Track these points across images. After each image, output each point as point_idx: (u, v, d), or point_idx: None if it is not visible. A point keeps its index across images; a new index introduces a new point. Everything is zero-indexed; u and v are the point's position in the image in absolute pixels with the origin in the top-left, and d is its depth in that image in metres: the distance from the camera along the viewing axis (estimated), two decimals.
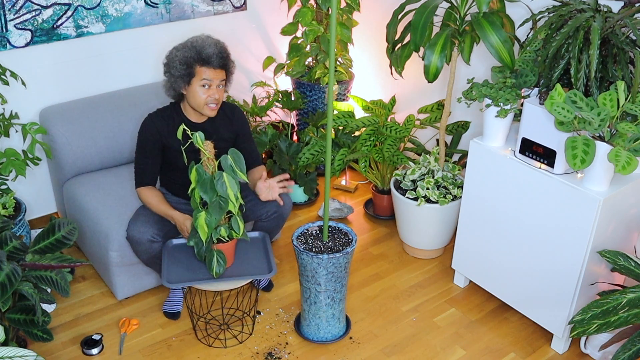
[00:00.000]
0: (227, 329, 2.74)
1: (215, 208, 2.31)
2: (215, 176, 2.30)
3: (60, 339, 2.67)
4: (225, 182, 2.29)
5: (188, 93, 2.55)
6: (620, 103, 2.25)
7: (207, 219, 2.32)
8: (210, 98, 2.53)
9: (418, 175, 3.13)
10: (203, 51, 2.49)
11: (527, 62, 2.58)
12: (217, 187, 2.28)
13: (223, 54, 2.54)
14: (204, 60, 2.49)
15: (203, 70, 2.49)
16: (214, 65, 2.49)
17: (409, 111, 3.67)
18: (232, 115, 2.73)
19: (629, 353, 2.14)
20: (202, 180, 2.30)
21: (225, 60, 2.54)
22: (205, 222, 2.32)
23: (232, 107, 2.75)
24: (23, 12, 2.90)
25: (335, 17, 2.16)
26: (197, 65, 2.49)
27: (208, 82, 2.50)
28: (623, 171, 2.12)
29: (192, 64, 2.49)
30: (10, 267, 2.06)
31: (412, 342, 2.72)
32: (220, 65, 2.51)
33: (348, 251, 2.49)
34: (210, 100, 2.54)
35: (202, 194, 2.30)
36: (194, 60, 2.49)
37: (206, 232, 2.33)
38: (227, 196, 2.29)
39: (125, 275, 2.79)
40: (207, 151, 2.32)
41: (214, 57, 2.49)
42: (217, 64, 2.50)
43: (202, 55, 2.49)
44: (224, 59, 2.54)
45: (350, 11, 3.66)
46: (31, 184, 3.21)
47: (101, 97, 3.18)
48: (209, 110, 2.57)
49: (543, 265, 2.57)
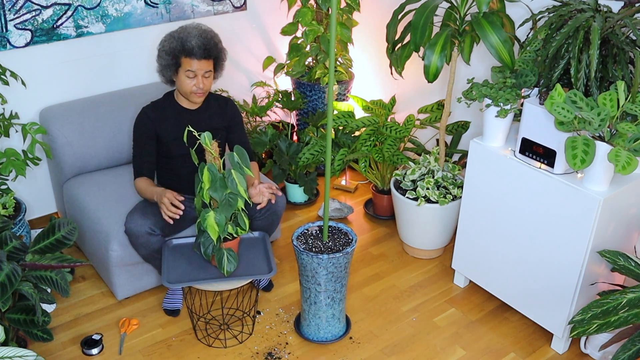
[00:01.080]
0: (227, 329, 2.74)
1: (226, 206, 2.33)
2: (224, 174, 2.32)
3: (60, 339, 2.67)
4: (235, 179, 2.31)
5: (177, 81, 2.63)
6: (620, 103, 2.25)
7: (217, 217, 2.33)
8: (195, 87, 2.60)
9: (418, 175, 3.13)
10: (187, 43, 2.54)
11: (527, 62, 2.58)
12: (229, 184, 2.31)
13: (208, 45, 2.56)
14: (187, 52, 2.54)
15: (187, 61, 2.55)
16: (197, 57, 2.54)
17: (409, 111, 3.67)
18: (225, 105, 2.80)
19: (629, 353, 2.14)
20: (213, 180, 2.32)
21: (210, 51, 2.57)
22: (215, 222, 2.33)
23: (225, 100, 2.82)
24: (23, 12, 2.90)
25: (335, 17, 2.16)
26: (181, 56, 2.56)
27: (192, 72, 2.56)
28: (623, 171, 2.12)
29: (177, 55, 2.56)
30: (10, 267, 2.06)
31: (412, 342, 2.73)
32: (204, 56, 2.55)
33: (348, 251, 2.49)
34: (195, 90, 2.60)
35: (212, 193, 2.31)
36: (178, 51, 2.55)
37: (217, 231, 2.35)
38: (238, 192, 2.32)
39: (125, 275, 2.79)
40: (213, 150, 2.34)
41: (196, 49, 2.53)
42: (201, 55, 2.54)
43: (186, 47, 2.54)
44: (209, 49, 2.57)
45: (350, 11, 3.66)
46: (31, 184, 3.21)
47: (101, 97, 3.18)
48: (196, 97, 2.64)
49: (543, 265, 2.57)
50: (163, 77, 2.68)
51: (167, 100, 2.73)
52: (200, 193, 2.36)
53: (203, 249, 2.43)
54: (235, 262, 2.43)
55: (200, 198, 2.37)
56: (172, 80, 2.67)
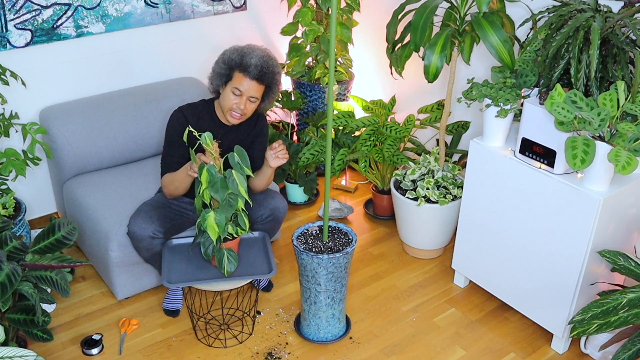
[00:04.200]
0: (227, 329, 2.74)
1: (226, 206, 2.33)
2: (225, 175, 2.32)
3: (60, 339, 2.67)
4: (235, 179, 2.31)
5: (222, 93, 2.57)
6: (620, 103, 2.25)
7: (217, 218, 2.33)
8: (236, 106, 2.53)
9: (418, 175, 3.13)
10: (245, 58, 2.49)
11: (527, 62, 2.58)
12: (229, 184, 2.31)
13: (266, 69, 2.51)
14: (243, 67, 2.48)
15: (239, 77, 2.49)
16: (251, 76, 2.48)
17: (409, 111, 3.67)
18: (257, 119, 2.73)
19: (629, 353, 2.14)
20: (213, 180, 2.31)
21: (265, 76, 2.51)
22: (215, 222, 2.33)
23: (258, 113, 2.74)
24: (23, 12, 2.90)
25: (335, 17, 2.16)
26: (235, 70, 2.50)
27: (239, 90, 2.50)
28: (623, 171, 2.12)
29: (232, 67, 2.51)
30: (10, 267, 2.06)
31: (412, 342, 2.73)
32: (257, 77, 2.49)
33: (348, 251, 2.49)
34: (235, 108, 2.54)
35: (213, 193, 2.31)
36: (235, 63, 2.50)
37: (217, 232, 2.34)
38: (239, 192, 2.31)
39: (125, 275, 2.79)
40: (214, 150, 2.34)
41: (252, 67, 2.47)
42: (254, 75, 2.48)
43: (243, 61, 2.49)
44: (264, 74, 2.51)
45: (350, 11, 3.66)
46: (31, 184, 3.21)
47: (101, 97, 3.18)
48: (231, 118, 2.57)
49: (543, 265, 2.57)
50: (211, 85, 2.61)
51: (205, 106, 2.66)
52: (200, 194, 2.36)
53: (203, 249, 2.43)
54: (235, 262, 2.43)
55: (200, 198, 2.37)
56: (218, 91, 2.60)
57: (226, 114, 2.57)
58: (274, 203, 2.73)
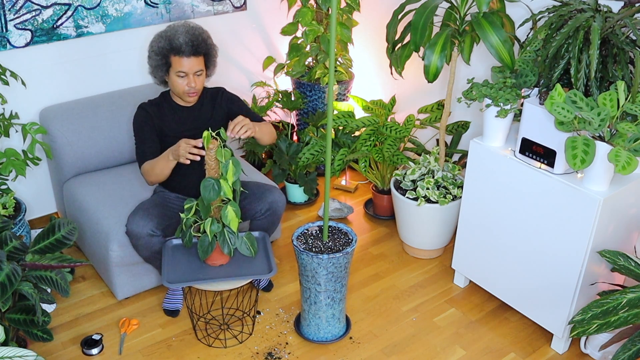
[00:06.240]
0: (227, 329, 2.74)
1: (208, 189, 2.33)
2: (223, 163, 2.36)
3: (60, 339, 2.67)
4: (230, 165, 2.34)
5: (169, 82, 2.61)
6: (620, 103, 2.25)
7: (234, 209, 2.37)
8: (188, 87, 2.57)
9: (418, 175, 3.13)
10: (174, 41, 2.50)
11: (527, 62, 2.58)
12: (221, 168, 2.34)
13: (196, 41, 2.52)
14: (176, 50, 2.50)
15: (177, 60, 2.51)
16: (187, 54, 2.50)
17: (409, 111, 3.67)
18: (217, 96, 2.75)
19: (629, 353, 2.14)
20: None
21: (198, 48, 2.53)
22: (235, 213, 2.37)
23: (216, 90, 2.77)
24: (23, 12, 2.90)
25: (335, 17, 2.16)
26: (170, 55, 2.52)
27: (183, 72, 2.53)
28: (623, 171, 2.12)
29: (166, 54, 2.52)
30: (10, 267, 2.06)
31: (412, 342, 2.73)
32: (192, 53, 2.51)
33: (348, 251, 2.49)
34: (187, 89, 2.58)
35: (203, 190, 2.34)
36: (167, 50, 2.52)
37: (237, 221, 2.39)
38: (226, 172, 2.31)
39: (125, 275, 2.79)
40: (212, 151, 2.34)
41: (184, 46, 2.49)
42: (190, 52, 2.50)
43: (174, 44, 2.50)
44: (197, 46, 2.52)
45: (350, 11, 3.66)
46: (31, 184, 3.21)
47: (101, 97, 3.18)
48: (189, 98, 2.63)
49: (543, 265, 2.57)
50: (155, 79, 2.65)
51: (163, 98, 2.73)
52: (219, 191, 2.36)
53: (201, 249, 2.44)
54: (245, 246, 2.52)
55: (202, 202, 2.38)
56: (164, 81, 2.64)
57: (182, 97, 2.62)
58: (272, 197, 2.74)
